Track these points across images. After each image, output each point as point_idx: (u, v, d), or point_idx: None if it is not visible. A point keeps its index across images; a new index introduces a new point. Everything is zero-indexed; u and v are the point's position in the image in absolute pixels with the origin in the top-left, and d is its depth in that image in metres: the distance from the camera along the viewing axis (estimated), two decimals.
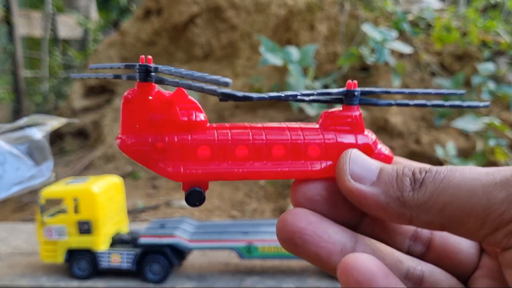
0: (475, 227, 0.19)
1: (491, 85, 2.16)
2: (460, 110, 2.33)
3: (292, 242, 0.22)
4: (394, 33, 2.23)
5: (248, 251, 1.45)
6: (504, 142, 2.03)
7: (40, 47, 5.87)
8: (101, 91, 3.78)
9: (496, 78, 2.32)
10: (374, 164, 0.22)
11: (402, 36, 2.57)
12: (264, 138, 0.24)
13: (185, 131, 0.24)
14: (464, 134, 2.27)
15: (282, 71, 2.57)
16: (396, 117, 2.47)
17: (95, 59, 3.84)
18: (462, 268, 0.24)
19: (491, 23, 2.54)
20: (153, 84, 0.25)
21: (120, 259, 1.51)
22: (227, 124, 0.26)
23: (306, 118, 2.57)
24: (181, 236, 1.48)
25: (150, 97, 0.25)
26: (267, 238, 1.46)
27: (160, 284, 1.48)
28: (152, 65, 0.25)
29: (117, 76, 0.27)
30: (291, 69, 2.07)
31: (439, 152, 2.00)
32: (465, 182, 0.19)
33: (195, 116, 0.24)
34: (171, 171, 0.24)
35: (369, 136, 0.26)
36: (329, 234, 0.22)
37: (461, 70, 2.54)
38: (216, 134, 0.24)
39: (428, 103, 0.26)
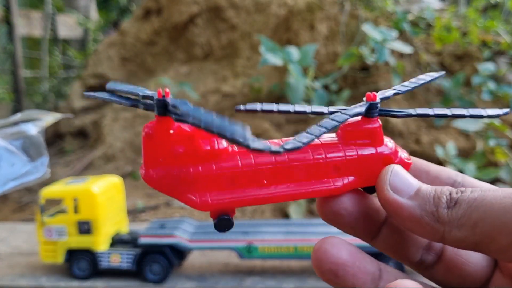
0: (507, 245, 0.20)
1: (491, 85, 2.16)
2: None
3: (335, 273, 0.22)
4: (394, 33, 2.23)
5: (248, 251, 1.45)
6: (504, 142, 2.02)
7: (40, 47, 5.87)
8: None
9: (496, 78, 2.32)
10: (415, 181, 0.24)
11: (402, 36, 2.57)
12: (287, 160, 0.25)
13: (208, 160, 0.24)
14: (464, 134, 2.26)
15: (282, 71, 2.57)
16: None
17: (95, 59, 3.84)
18: (472, 280, 0.25)
19: (491, 23, 2.53)
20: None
21: (120, 259, 1.51)
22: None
23: (307, 119, 2.57)
24: (181, 236, 1.48)
25: (171, 131, 0.25)
26: (267, 238, 1.45)
27: (160, 284, 1.47)
28: (170, 100, 0.24)
29: (134, 105, 0.27)
30: (291, 69, 2.06)
31: (439, 152, 2.00)
32: (497, 200, 0.20)
33: (217, 144, 0.25)
34: (199, 202, 0.24)
35: (389, 145, 0.27)
36: (365, 265, 0.23)
37: (461, 70, 2.54)
38: (239, 160, 0.25)
39: (449, 112, 0.27)
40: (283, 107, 0.27)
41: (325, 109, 0.27)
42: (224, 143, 0.25)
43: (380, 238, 0.26)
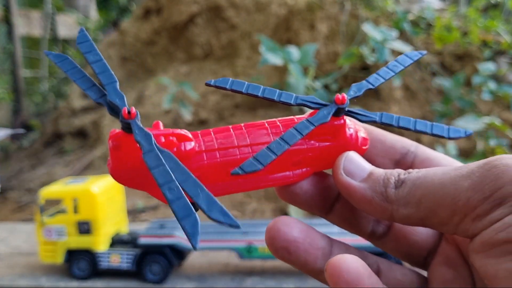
0: (447, 216, 0.21)
1: (492, 85, 2.16)
2: (461, 111, 2.32)
3: (287, 250, 0.24)
4: (395, 33, 2.23)
5: (248, 252, 1.45)
6: (505, 142, 2.02)
7: (39, 46, 5.86)
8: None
9: (496, 77, 2.31)
10: (367, 166, 0.25)
11: (403, 36, 2.57)
12: (250, 154, 0.25)
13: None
14: None
15: (282, 70, 2.57)
16: None
17: None
18: (420, 248, 0.27)
19: (492, 22, 2.53)
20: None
21: (119, 259, 1.51)
22: (215, 142, 0.26)
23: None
24: (181, 237, 1.48)
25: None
26: None
27: (159, 285, 1.47)
28: (135, 122, 0.24)
29: (100, 104, 0.27)
30: (291, 69, 2.06)
31: (440, 151, 2.00)
32: (437, 176, 0.22)
33: (184, 147, 0.25)
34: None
35: (350, 134, 0.27)
36: (315, 241, 0.24)
37: (462, 69, 2.54)
38: (205, 158, 0.26)
39: (412, 127, 0.27)
40: (252, 89, 0.27)
41: (292, 100, 0.27)
42: (190, 145, 0.26)
43: (334, 213, 0.27)
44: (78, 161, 3.20)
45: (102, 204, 1.50)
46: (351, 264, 0.20)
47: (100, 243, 1.51)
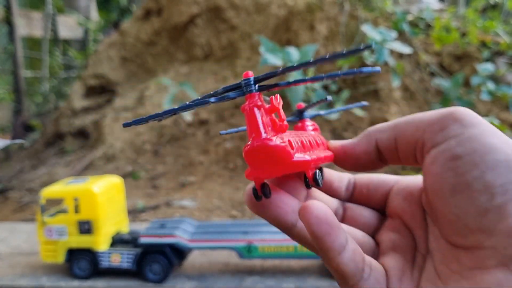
0: (414, 136, 0.27)
1: (491, 85, 2.17)
2: None
3: (262, 204, 0.27)
4: (394, 34, 2.24)
5: (248, 251, 1.46)
6: None
7: (40, 47, 5.87)
8: (101, 91, 3.79)
9: (495, 78, 2.32)
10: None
11: (402, 37, 2.57)
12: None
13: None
14: None
15: None
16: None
17: (95, 59, 3.85)
18: (369, 228, 0.31)
19: (491, 23, 2.54)
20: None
21: (120, 259, 1.51)
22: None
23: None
24: (181, 236, 1.49)
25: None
26: (267, 238, 1.46)
27: (160, 284, 1.48)
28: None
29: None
30: None
31: None
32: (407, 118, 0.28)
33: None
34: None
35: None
36: (285, 200, 0.28)
37: (461, 70, 2.54)
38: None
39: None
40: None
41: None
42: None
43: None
44: (79, 161, 3.21)
45: (102, 204, 1.51)
46: (320, 204, 0.24)
47: (100, 242, 1.51)
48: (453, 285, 0.25)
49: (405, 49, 2.23)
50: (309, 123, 0.33)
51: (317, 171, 0.28)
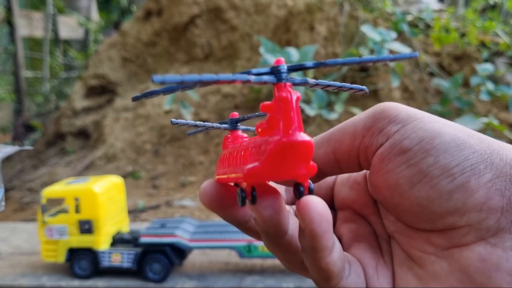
0: (351, 145, 0.27)
1: (490, 86, 2.17)
2: (459, 111, 2.33)
3: (220, 203, 0.27)
4: (393, 34, 2.24)
5: (248, 251, 1.46)
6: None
7: (41, 47, 5.88)
8: (102, 91, 3.80)
9: (494, 78, 2.33)
10: None
11: (401, 37, 2.58)
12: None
13: None
14: None
15: None
16: None
17: (96, 60, 3.85)
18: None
19: (490, 23, 2.55)
20: None
21: (120, 258, 1.52)
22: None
23: (306, 119, 2.58)
24: (182, 236, 1.49)
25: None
26: None
27: (160, 284, 1.48)
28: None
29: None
30: None
31: None
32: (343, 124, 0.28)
33: None
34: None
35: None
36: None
37: (460, 70, 2.55)
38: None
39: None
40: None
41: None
42: None
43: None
44: (80, 161, 3.22)
45: (103, 204, 1.51)
46: (319, 200, 0.23)
47: (101, 242, 1.52)
48: (432, 267, 0.25)
49: (405, 50, 2.24)
50: (243, 134, 0.30)
51: (310, 181, 0.26)
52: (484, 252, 0.23)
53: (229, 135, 0.31)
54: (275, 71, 0.23)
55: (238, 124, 0.31)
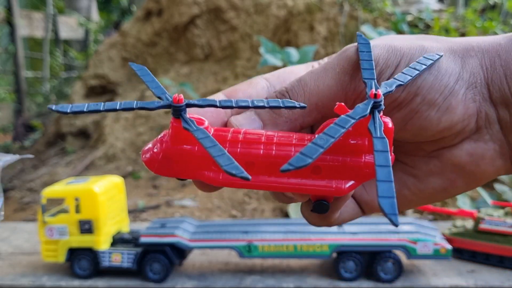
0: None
1: None
2: None
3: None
4: (393, 34, 2.24)
5: (248, 250, 1.46)
6: None
7: (41, 47, 5.88)
8: (102, 91, 3.80)
9: None
10: None
11: None
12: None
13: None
14: None
15: None
16: None
17: (96, 60, 3.86)
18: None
19: (490, 24, 2.55)
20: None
21: (121, 258, 1.52)
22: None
23: None
24: (182, 236, 1.49)
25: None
26: (267, 238, 1.47)
27: (160, 283, 1.49)
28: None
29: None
30: None
31: None
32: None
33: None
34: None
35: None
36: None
37: None
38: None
39: (266, 104, 0.27)
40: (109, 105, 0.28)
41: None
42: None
43: None
44: (80, 161, 3.22)
45: (103, 204, 1.51)
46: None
47: (101, 242, 1.52)
48: (427, 166, 0.29)
49: None
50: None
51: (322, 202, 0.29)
52: (470, 147, 0.28)
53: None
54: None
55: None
